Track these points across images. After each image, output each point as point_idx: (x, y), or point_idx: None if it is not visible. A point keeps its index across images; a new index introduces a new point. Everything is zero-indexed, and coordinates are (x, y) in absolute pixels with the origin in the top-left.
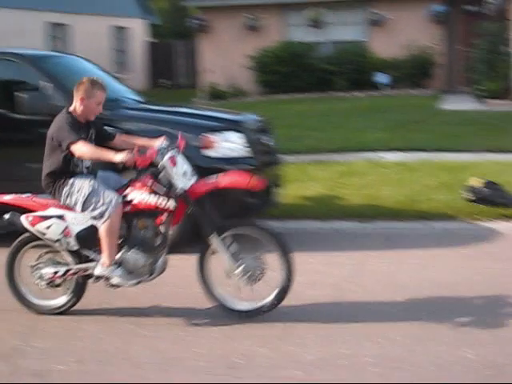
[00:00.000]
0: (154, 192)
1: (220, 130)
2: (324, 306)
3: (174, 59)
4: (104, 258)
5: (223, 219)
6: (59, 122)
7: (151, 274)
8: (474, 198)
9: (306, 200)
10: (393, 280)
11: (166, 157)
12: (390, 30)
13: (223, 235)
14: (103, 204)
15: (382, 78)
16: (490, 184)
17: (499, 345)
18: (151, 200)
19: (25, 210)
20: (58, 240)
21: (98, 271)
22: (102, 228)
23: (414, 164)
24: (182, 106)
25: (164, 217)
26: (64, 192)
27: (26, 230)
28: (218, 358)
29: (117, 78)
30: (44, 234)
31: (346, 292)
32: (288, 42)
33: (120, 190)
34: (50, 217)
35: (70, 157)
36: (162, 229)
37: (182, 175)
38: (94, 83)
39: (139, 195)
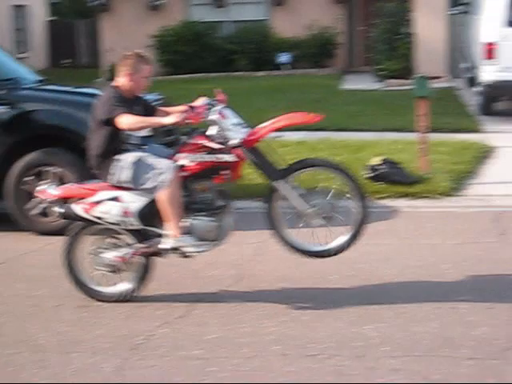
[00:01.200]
0: (209, 150)
1: None
2: (226, 285)
3: (76, 38)
4: (171, 229)
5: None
6: (104, 97)
7: (220, 237)
8: (370, 176)
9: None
10: (295, 258)
11: (215, 111)
12: (292, 9)
13: (288, 179)
14: (158, 174)
15: (283, 57)
16: (388, 162)
17: (398, 321)
18: (209, 158)
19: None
20: (118, 222)
21: (168, 245)
22: (163, 198)
23: (315, 143)
24: (81, 87)
25: (225, 173)
26: (113, 169)
27: (82, 219)
28: (120, 338)
29: (14, 57)
30: (101, 219)
31: (249, 271)
32: (190, 21)
33: (170, 157)
34: (104, 200)
35: (116, 133)
36: (222, 187)
37: (234, 126)
38: (141, 57)
39: (194, 157)
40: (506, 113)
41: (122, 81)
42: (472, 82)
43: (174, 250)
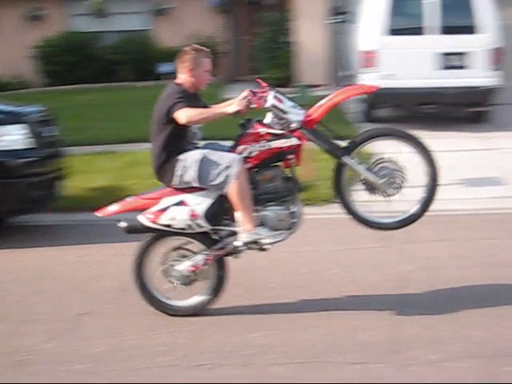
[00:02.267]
0: (270, 136)
1: (1, 123)
2: (112, 297)
3: None
4: (244, 223)
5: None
6: (166, 94)
7: (294, 225)
8: None
9: (91, 192)
10: None
11: (271, 96)
12: (175, 19)
13: (354, 153)
14: (224, 168)
15: (167, 67)
16: None
17: (284, 329)
18: (273, 144)
19: None
20: (186, 226)
21: (245, 239)
22: (233, 192)
23: None
24: None
25: (290, 157)
26: (177, 171)
27: (149, 230)
28: (4, 356)
29: None
30: (170, 226)
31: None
32: (71, 31)
33: (232, 151)
34: (169, 206)
35: (179, 133)
36: (288, 173)
37: (292, 109)
38: (199, 51)
39: (258, 146)
40: (387, 119)
41: (183, 77)
42: None
43: (251, 244)
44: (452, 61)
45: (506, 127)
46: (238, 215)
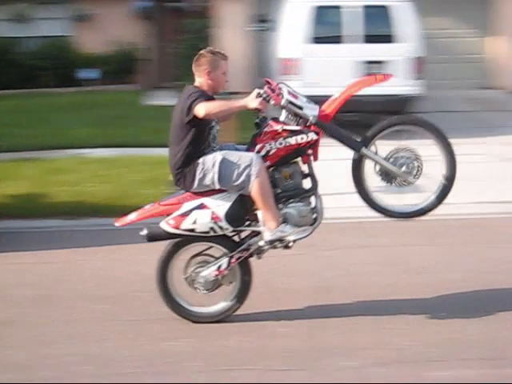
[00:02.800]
0: (288, 133)
1: None
2: (32, 305)
3: None
4: (268, 221)
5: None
6: (185, 96)
7: (316, 220)
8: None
9: (11, 199)
10: (105, 275)
11: (286, 92)
12: (97, 25)
13: (371, 145)
14: (244, 167)
15: (88, 73)
16: None
17: (203, 336)
18: (291, 141)
19: None
20: (209, 229)
21: (268, 238)
22: (254, 191)
23: (121, 160)
24: None
25: (309, 153)
26: (198, 174)
27: (172, 236)
28: None
29: None
30: (193, 230)
31: (55, 291)
32: None
33: (249, 150)
34: (190, 211)
35: (200, 136)
36: (307, 169)
37: (307, 104)
38: (216, 53)
39: (276, 144)
40: None
41: (201, 80)
42: None
43: (276, 242)
44: (373, 69)
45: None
46: (262, 214)
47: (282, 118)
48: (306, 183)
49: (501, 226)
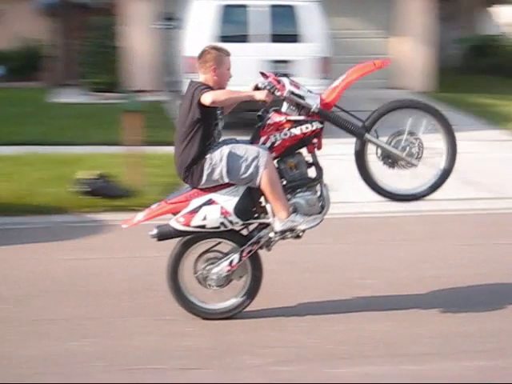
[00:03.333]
0: (292, 124)
1: None
2: None
3: None
4: (278, 212)
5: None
6: (192, 90)
7: (324, 208)
8: (84, 191)
9: None
10: (6, 275)
11: (287, 83)
12: (1, 21)
13: (372, 131)
14: (252, 159)
15: None
16: (100, 176)
17: (109, 336)
18: (296, 131)
19: None
20: (220, 225)
21: (279, 228)
22: (263, 182)
23: (25, 158)
24: None
25: (314, 142)
26: (206, 170)
27: (182, 234)
28: None
29: None
30: (204, 227)
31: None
32: None
33: (254, 143)
34: (199, 207)
35: (207, 131)
36: (311, 158)
37: (308, 93)
38: (220, 49)
39: (280, 135)
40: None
41: (206, 77)
42: (178, 95)
43: (287, 232)
44: (279, 68)
45: (333, 134)
46: (271, 205)
47: (283, 109)
48: (311, 172)
49: (397, 224)
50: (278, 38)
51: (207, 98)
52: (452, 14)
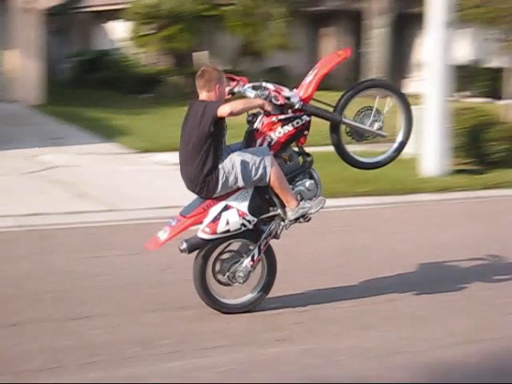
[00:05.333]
0: (283, 122)
1: None
2: None
3: None
4: (289, 202)
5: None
6: (203, 108)
7: (320, 190)
8: None
9: None
10: None
11: (271, 86)
12: None
13: (344, 113)
14: (260, 161)
15: None
16: None
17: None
18: (288, 128)
19: None
20: (241, 226)
21: (293, 216)
22: (273, 179)
23: None
24: None
25: (305, 133)
26: (220, 179)
27: (209, 242)
28: None
29: None
30: (228, 231)
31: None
32: None
33: (249, 147)
34: (219, 214)
35: (218, 143)
36: (301, 149)
37: (290, 92)
38: (220, 70)
39: (274, 134)
40: None
41: (209, 95)
42: None
43: (300, 218)
44: None
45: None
46: (282, 197)
47: (270, 111)
48: (304, 160)
49: (15, 239)
50: None
51: (225, 110)
52: (66, 28)
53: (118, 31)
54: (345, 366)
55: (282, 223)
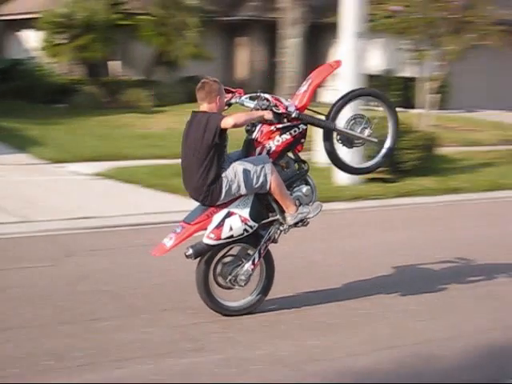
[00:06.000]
0: (281, 131)
1: None
2: None
3: None
4: (288, 208)
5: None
6: (206, 120)
7: (316, 195)
8: None
9: None
10: None
11: (270, 97)
12: None
13: (336, 121)
14: (260, 169)
15: None
16: None
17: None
18: (287, 136)
19: None
20: (244, 231)
21: (292, 221)
22: (273, 187)
23: None
24: None
25: (302, 141)
26: (224, 187)
27: (214, 247)
28: None
29: None
30: (232, 236)
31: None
32: None
33: (249, 155)
34: (222, 220)
35: (220, 152)
36: (297, 156)
37: (287, 101)
38: (219, 82)
39: (273, 142)
40: None
41: (211, 106)
42: None
43: (299, 222)
44: None
45: None
46: (281, 203)
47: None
48: (300, 166)
49: None
50: None
51: (229, 122)
52: None
53: (32, 40)
54: (258, 375)
55: (281, 228)
